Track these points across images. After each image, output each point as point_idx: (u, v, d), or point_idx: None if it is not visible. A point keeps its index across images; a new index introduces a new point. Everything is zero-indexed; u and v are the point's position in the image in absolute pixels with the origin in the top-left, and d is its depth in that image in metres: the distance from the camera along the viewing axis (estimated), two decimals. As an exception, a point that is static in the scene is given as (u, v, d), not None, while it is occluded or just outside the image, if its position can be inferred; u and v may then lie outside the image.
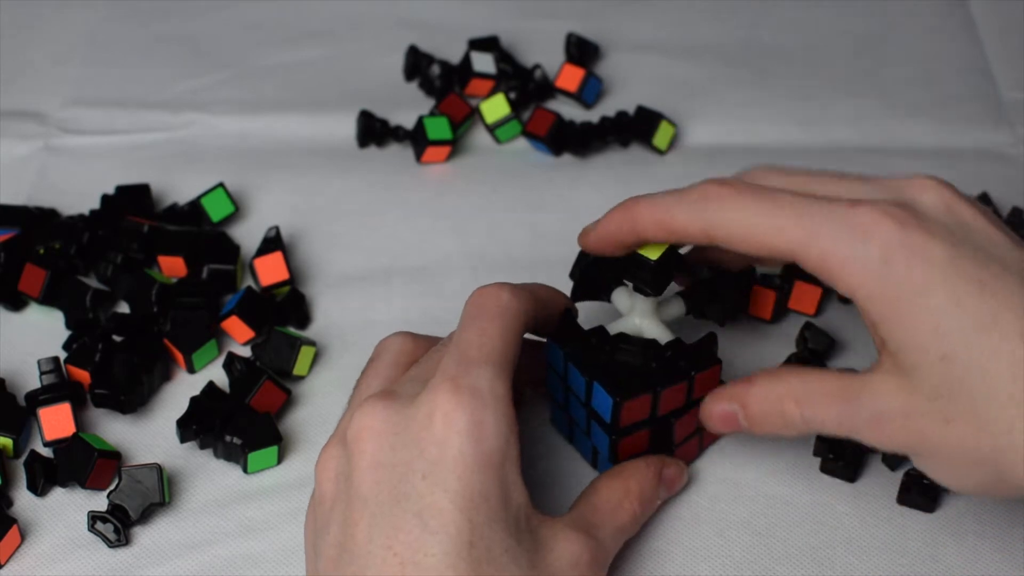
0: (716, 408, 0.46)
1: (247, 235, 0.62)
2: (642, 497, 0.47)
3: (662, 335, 0.50)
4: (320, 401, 0.55)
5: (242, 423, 0.52)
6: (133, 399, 0.53)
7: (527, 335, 0.47)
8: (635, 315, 0.50)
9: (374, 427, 0.42)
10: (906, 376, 0.41)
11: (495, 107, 0.66)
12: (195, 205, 0.61)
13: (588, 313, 0.52)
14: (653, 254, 0.48)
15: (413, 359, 0.48)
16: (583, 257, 0.51)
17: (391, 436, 0.42)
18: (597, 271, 0.51)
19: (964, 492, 0.44)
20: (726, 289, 0.53)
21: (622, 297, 0.51)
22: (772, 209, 0.43)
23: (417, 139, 0.65)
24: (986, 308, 0.40)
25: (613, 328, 0.50)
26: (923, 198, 0.43)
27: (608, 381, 0.47)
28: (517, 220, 0.63)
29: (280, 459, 0.52)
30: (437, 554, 0.40)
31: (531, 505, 0.43)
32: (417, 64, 0.70)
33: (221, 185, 0.62)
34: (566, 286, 0.52)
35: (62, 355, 0.55)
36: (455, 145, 0.66)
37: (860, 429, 0.43)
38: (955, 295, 0.40)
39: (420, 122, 0.65)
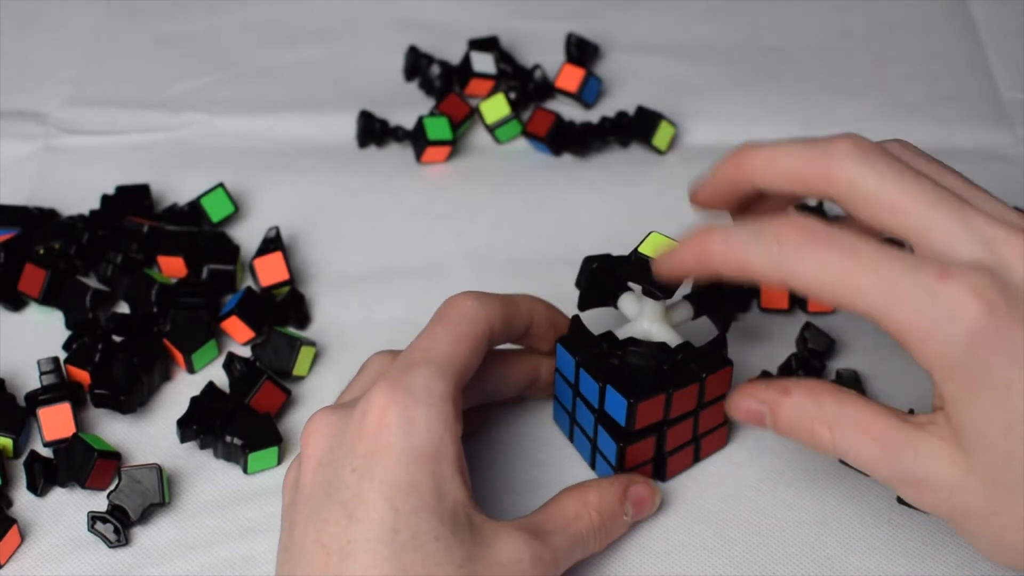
0: (744, 404, 0.45)
1: (247, 235, 0.62)
2: (601, 510, 0.47)
3: (671, 339, 0.49)
4: (320, 401, 0.55)
5: (242, 423, 0.52)
6: (133, 399, 0.53)
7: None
8: (643, 320, 0.50)
9: (318, 431, 0.44)
10: (964, 455, 0.40)
11: (495, 107, 0.66)
12: (195, 205, 0.61)
13: (595, 320, 0.52)
14: None
15: None
16: (588, 264, 0.51)
17: (331, 437, 0.43)
18: (604, 278, 0.51)
19: (993, 561, 0.42)
20: (732, 293, 0.52)
21: (629, 302, 0.51)
22: (853, 267, 0.39)
23: (417, 139, 0.65)
24: None
25: (622, 333, 0.50)
26: (1019, 267, 0.39)
27: (622, 384, 0.47)
28: (517, 220, 0.63)
29: (280, 459, 0.52)
30: (359, 540, 0.41)
31: (473, 504, 0.43)
32: (417, 64, 0.70)
33: (221, 185, 0.62)
34: (566, 286, 0.52)
35: (62, 355, 0.55)
36: (455, 145, 0.66)
37: (897, 483, 0.41)
38: None
39: (420, 122, 0.65)
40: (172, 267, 0.59)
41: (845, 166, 0.41)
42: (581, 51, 0.71)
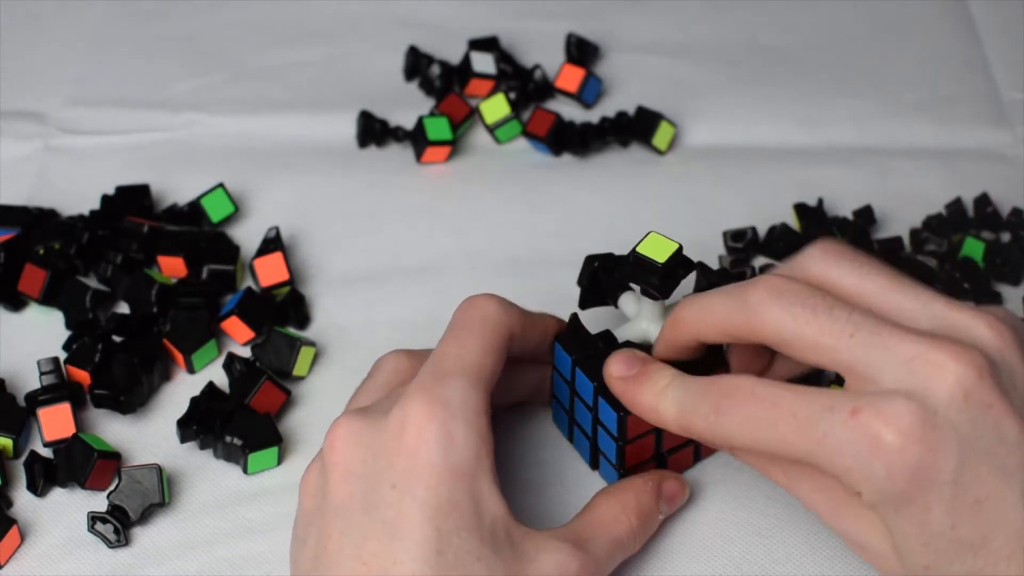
0: (618, 365, 0.46)
1: (247, 235, 0.62)
2: (640, 512, 0.47)
3: None
4: (320, 401, 0.55)
5: (242, 423, 0.52)
6: (133, 399, 0.53)
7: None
8: (643, 319, 0.50)
9: (347, 439, 0.43)
10: (891, 545, 0.41)
11: (495, 107, 0.66)
12: (195, 205, 0.61)
13: (595, 319, 0.52)
14: (660, 256, 0.47)
15: (408, 377, 0.47)
16: (589, 263, 0.51)
17: (363, 448, 0.42)
18: (605, 277, 0.51)
19: None
20: None
21: (629, 302, 0.51)
22: (775, 420, 0.40)
23: (417, 139, 0.65)
24: (978, 530, 0.39)
25: (620, 333, 0.50)
26: (940, 381, 0.39)
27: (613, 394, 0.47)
28: (517, 220, 0.63)
29: (280, 460, 0.52)
30: (405, 562, 0.40)
31: (512, 517, 0.43)
32: (417, 64, 0.70)
33: (221, 185, 0.62)
34: (566, 286, 0.52)
35: (62, 355, 0.55)
36: (455, 145, 0.66)
37: (843, 538, 0.43)
38: (952, 516, 0.39)
39: (420, 122, 0.65)
40: (172, 267, 0.59)
41: (763, 315, 0.42)
42: (581, 51, 0.71)
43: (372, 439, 0.42)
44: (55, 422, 0.52)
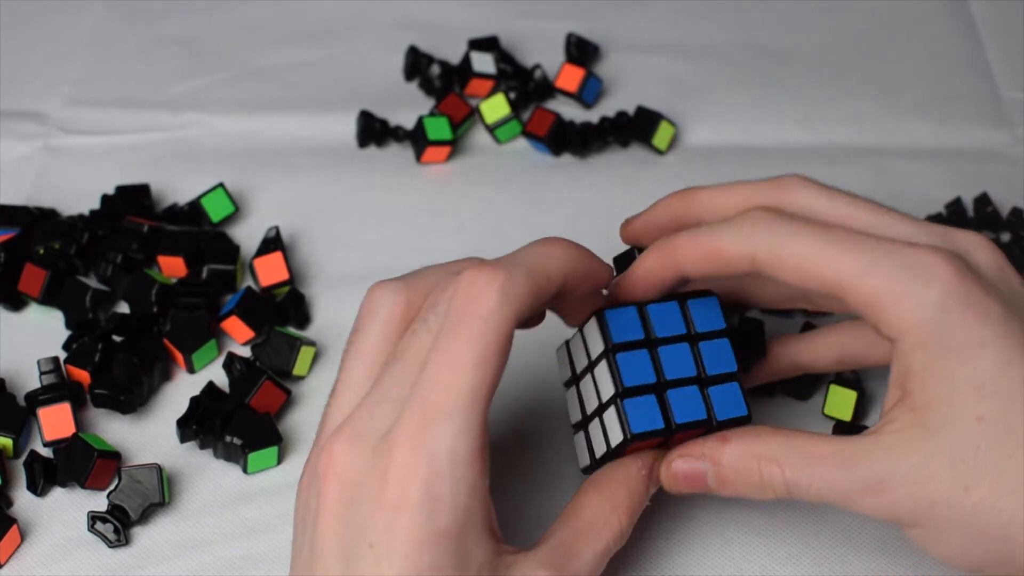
0: (681, 468, 0.44)
1: (247, 235, 0.62)
2: (632, 508, 0.44)
3: None
4: (320, 401, 0.54)
5: (242, 423, 0.52)
6: (133, 399, 0.53)
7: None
8: None
9: (338, 474, 0.39)
10: (927, 437, 0.40)
11: (495, 107, 0.66)
12: (195, 205, 0.61)
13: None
14: None
15: (407, 320, 0.42)
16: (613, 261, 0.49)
17: (351, 489, 0.39)
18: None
19: (959, 568, 0.42)
20: (745, 339, 0.50)
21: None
22: (826, 239, 0.41)
23: (417, 139, 0.65)
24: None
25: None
26: (978, 255, 0.42)
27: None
28: (517, 220, 0.63)
29: (280, 459, 0.52)
30: None
31: (498, 551, 0.40)
32: (417, 64, 0.70)
33: (221, 185, 0.62)
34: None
35: (62, 355, 0.55)
36: (455, 145, 0.66)
37: (855, 496, 0.41)
38: (1005, 356, 0.39)
39: (420, 122, 0.65)
40: (172, 267, 0.59)
41: (769, 238, 0.42)
42: (581, 51, 0.71)
43: (360, 480, 0.39)
44: (55, 422, 0.52)
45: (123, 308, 0.58)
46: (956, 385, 0.39)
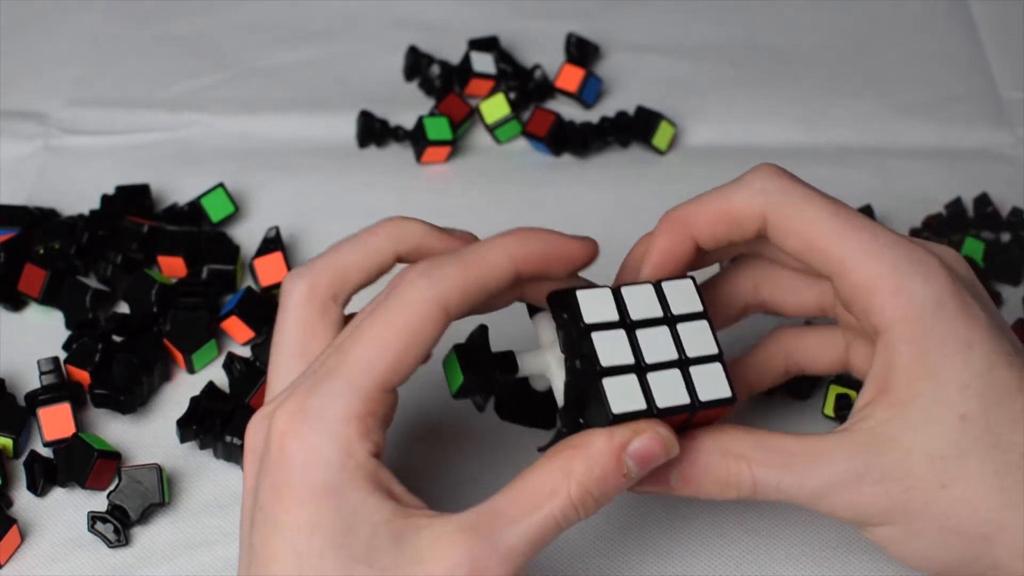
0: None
1: (247, 235, 0.62)
2: (586, 479, 0.39)
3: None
4: (320, 401, 0.55)
5: (242, 423, 0.51)
6: (133, 399, 0.53)
7: None
8: (549, 352, 0.43)
9: (252, 447, 0.41)
10: (906, 432, 0.40)
11: (495, 107, 0.66)
12: (195, 205, 0.61)
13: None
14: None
15: (316, 301, 0.43)
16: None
17: (257, 460, 0.40)
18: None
19: (921, 569, 0.41)
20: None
21: (544, 326, 0.44)
22: (835, 212, 0.42)
23: (417, 139, 0.65)
24: (1013, 377, 0.40)
25: (523, 361, 0.43)
26: (958, 267, 0.42)
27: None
28: (517, 220, 0.63)
29: (280, 459, 0.52)
30: (254, 564, 0.39)
31: (401, 514, 0.38)
32: (417, 64, 0.70)
33: (221, 185, 0.62)
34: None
35: (62, 355, 0.55)
36: (455, 145, 0.66)
37: (827, 493, 0.40)
38: (990, 359, 0.40)
39: (420, 122, 0.65)
40: (172, 267, 0.59)
41: (783, 198, 0.43)
42: (581, 51, 0.71)
43: (261, 444, 0.40)
44: (55, 422, 0.52)
45: (123, 308, 0.58)
46: (942, 382, 0.40)
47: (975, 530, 0.39)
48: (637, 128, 0.66)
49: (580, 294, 0.42)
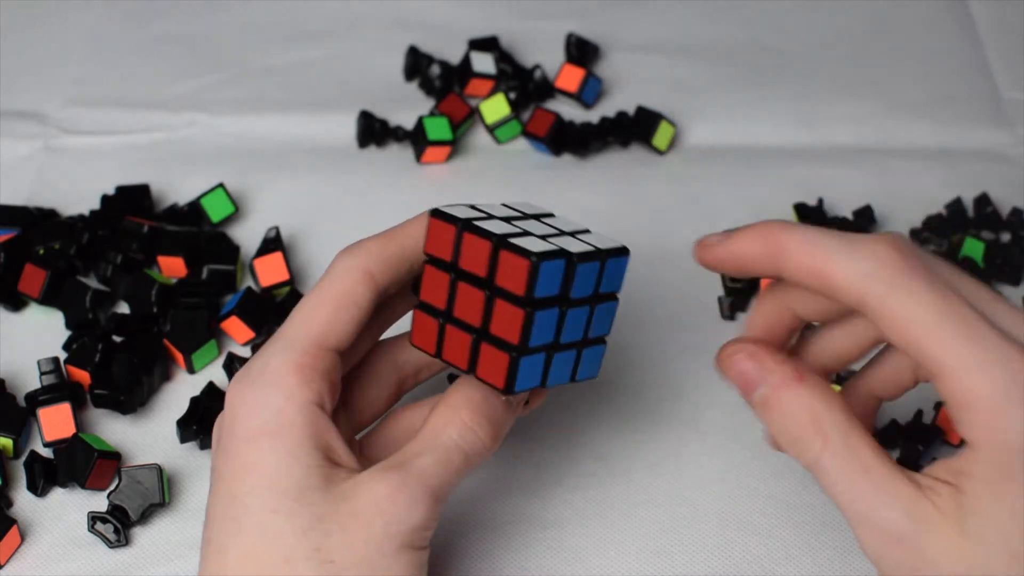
0: (741, 364, 0.40)
1: (247, 235, 0.62)
2: (475, 407, 0.43)
3: None
4: (320, 401, 0.55)
5: (242, 423, 0.52)
6: (133, 399, 0.53)
7: None
8: None
9: (220, 415, 0.44)
10: (969, 542, 0.36)
11: (495, 107, 0.66)
12: (195, 205, 0.61)
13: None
14: None
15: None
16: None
17: (216, 432, 0.44)
18: None
19: None
20: None
21: None
22: (946, 313, 0.37)
23: (417, 139, 0.65)
24: None
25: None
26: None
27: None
28: (517, 220, 0.63)
29: (280, 459, 0.52)
30: (209, 538, 0.42)
31: (335, 462, 0.42)
32: (417, 64, 0.70)
33: (221, 185, 0.62)
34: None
35: (62, 355, 0.55)
36: (455, 145, 0.66)
37: (865, 525, 0.38)
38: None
39: (420, 122, 0.65)
40: (172, 267, 0.59)
41: (893, 293, 0.38)
42: (581, 51, 0.71)
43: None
44: (55, 422, 0.52)
45: (123, 308, 0.58)
46: (1005, 510, 0.36)
47: None
48: (637, 128, 0.66)
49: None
